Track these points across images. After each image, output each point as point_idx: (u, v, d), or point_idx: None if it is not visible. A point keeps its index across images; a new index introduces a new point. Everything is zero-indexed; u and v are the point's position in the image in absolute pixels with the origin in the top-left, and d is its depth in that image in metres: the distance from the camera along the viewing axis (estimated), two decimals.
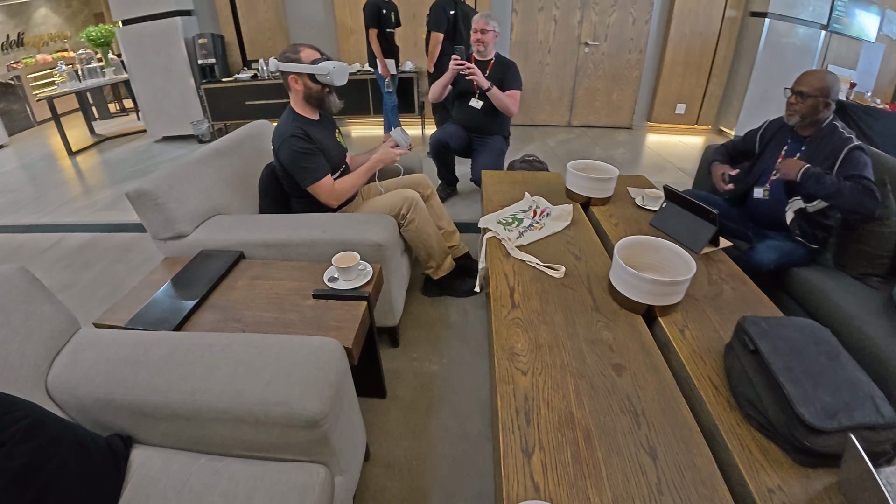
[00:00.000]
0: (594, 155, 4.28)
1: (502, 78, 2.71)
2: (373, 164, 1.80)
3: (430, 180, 2.06)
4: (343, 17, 5.02)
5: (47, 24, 9.99)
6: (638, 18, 4.93)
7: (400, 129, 1.88)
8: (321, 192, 1.67)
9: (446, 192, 3.18)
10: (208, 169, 1.73)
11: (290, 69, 1.62)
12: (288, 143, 1.60)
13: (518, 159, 2.72)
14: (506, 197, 2.00)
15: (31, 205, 4.05)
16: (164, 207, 1.54)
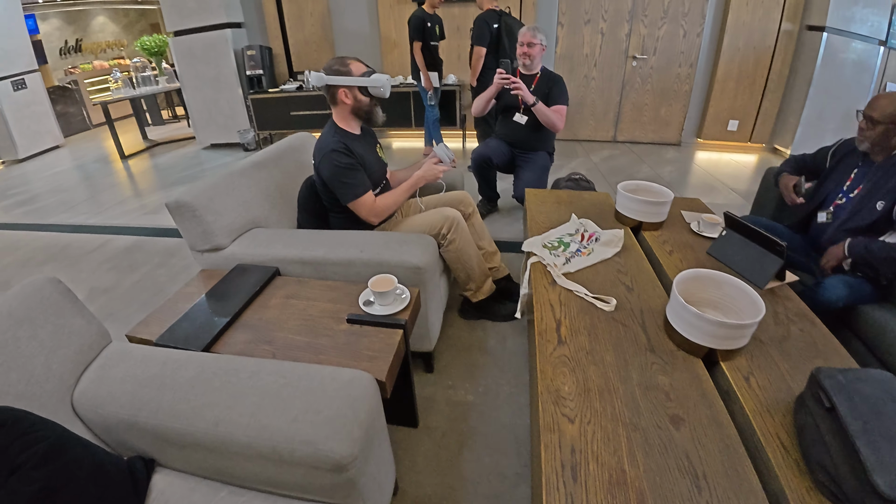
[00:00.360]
0: (640, 173, 4.11)
1: (548, 93, 2.63)
2: (415, 181, 1.74)
3: (471, 198, 1.99)
4: (387, 29, 5.06)
5: (105, 31, 10.56)
6: (689, 31, 4.75)
7: (443, 146, 1.81)
8: (362, 208, 1.62)
9: (486, 209, 3.10)
10: (248, 181, 1.71)
11: (341, 82, 1.58)
12: (329, 157, 1.57)
13: (564, 177, 2.62)
14: (551, 218, 1.90)
15: (82, 205, 4.21)
16: (203, 220, 1.52)
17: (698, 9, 4.64)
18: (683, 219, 1.97)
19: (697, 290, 1.30)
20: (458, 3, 4.77)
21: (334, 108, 1.67)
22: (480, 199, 3.11)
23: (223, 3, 4.87)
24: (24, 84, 6.68)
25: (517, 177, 2.72)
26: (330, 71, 1.59)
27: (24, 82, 6.69)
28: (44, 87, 7.06)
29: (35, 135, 6.94)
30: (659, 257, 1.66)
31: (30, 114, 6.80)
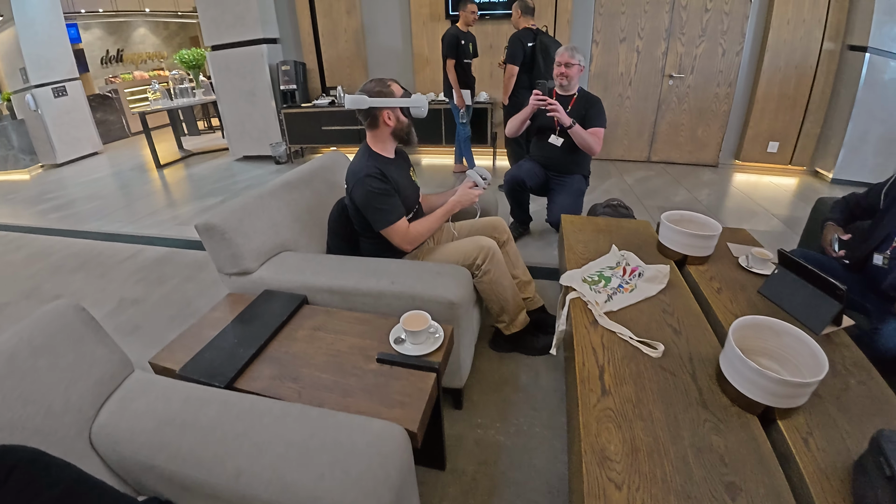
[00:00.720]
0: (677, 195, 3.97)
1: (585, 114, 2.55)
2: (451, 206, 1.68)
3: (506, 224, 1.91)
4: (420, 47, 5.07)
5: (145, 43, 10.94)
6: (728, 50, 4.61)
7: (477, 168, 1.75)
8: (395, 235, 1.57)
9: (518, 232, 3.02)
10: (278, 203, 1.68)
11: (386, 104, 1.56)
12: (363, 183, 1.52)
13: (601, 203, 2.52)
14: (589, 248, 1.81)
15: (117, 213, 4.29)
16: (232, 243, 1.49)
17: (738, 27, 4.51)
18: (730, 252, 1.86)
19: (753, 338, 1.19)
20: (492, 20, 4.75)
21: (372, 132, 1.63)
22: (512, 222, 3.03)
23: (260, 19, 4.96)
24: (64, 91, 6.94)
25: (551, 200, 2.63)
26: (373, 93, 1.56)
27: (65, 89, 6.94)
28: (84, 94, 7.32)
29: (74, 141, 7.18)
30: (707, 296, 1.55)
31: (69, 120, 7.05)
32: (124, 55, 10.65)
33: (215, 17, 5.12)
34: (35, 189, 5.81)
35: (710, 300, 1.53)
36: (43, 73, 6.62)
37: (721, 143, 4.92)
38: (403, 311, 1.25)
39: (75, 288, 3.00)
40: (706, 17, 4.56)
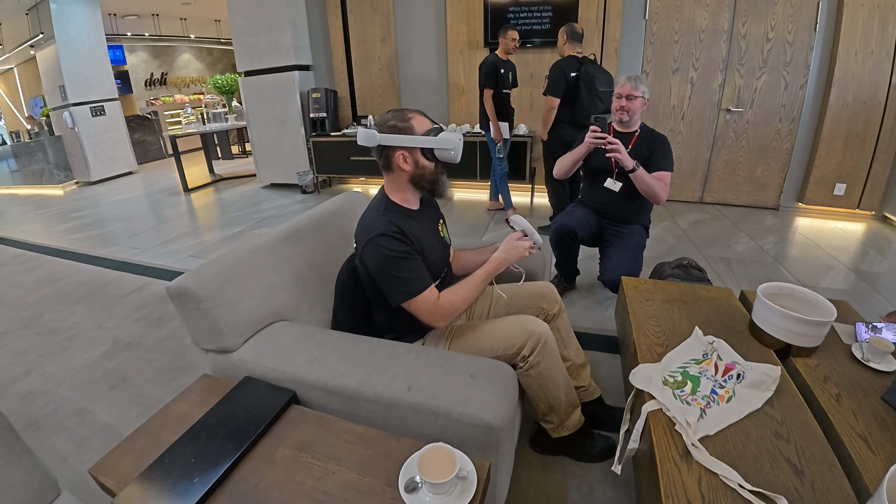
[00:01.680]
0: (739, 243, 3.52)
1: (649, 156, 2.19)
2: (495, 265, 1.28)
3: (556, 293, 1.53)
4: (456, 76, 4.83)
5: (189, 68, 11.20)
6: (791, 83, 4.19)
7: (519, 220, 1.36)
8: (421, 309, 1.20)
9: (563, 287, 2.62)
10: (277, 259, 1.36)
11: (400, 143, 1.19)
12: (376, 243, 1.17)
13: (670, 263, 2.11)
14: (663, 326, 1.43)
15: (135, 238, 4.21)
16: (208, 314, 1.17)
17: (802, 58, 4.10)
18: (838, 335, 1.45)
19: None
20: (534, 49, 4.48)
21: (387, 176, 1.28)
22: (556, 275, 2.65)
23: (293, 45, 4.86)
24: (102, 111, 7.03)
25: (606, 255, 2.25)
26: (385, 127, 1.21)
27: (104, 109, 7.04)
28: (122, 114, 7.42)
29: (110, 160, 7.27)
30: (824, 406, 1.15)
31: (106, 139, 7.15)
32: (168, 78, 10.94)
33: (249, 43, 5.06)
34: (66, 205, 5.94)
35: (829, 414, 1.13)
36: (82, 92, 6.74)
37: (783, 183, 4.46)
38: (421, 429, 0.90)
39: (74, 321, 2.80)
40: (767, 48, 4.17)
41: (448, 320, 1.23)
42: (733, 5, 4.13)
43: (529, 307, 1.48)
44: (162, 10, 9.11)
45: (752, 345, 1.39)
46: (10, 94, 10.97)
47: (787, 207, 4.51)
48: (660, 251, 3.27)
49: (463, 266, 1.51)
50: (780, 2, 4.03)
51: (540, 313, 1.48)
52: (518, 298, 1.50)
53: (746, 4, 4.11)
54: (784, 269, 3.05)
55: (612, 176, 2.29)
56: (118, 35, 9.15)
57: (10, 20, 6.81)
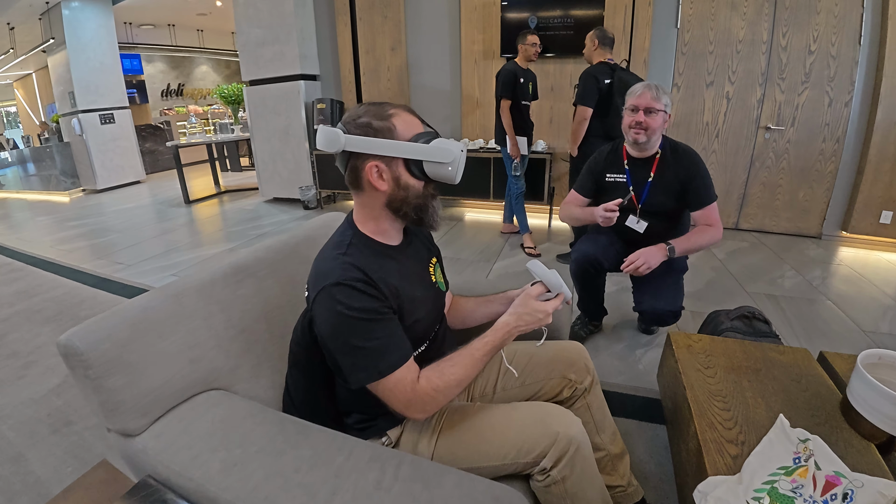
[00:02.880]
0: (784, 277, 3.10)
1: (683, 189, 1.79)
2: (503, 335, 0.89)
3: (588, 357, 1.14)
4: (470, 87, 4.53)
5: (206, 80, 11.14)
6: (836, 100, 3.80)
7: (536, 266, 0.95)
8: (393, 396, 0.82)
9: (587, 330, 2.23)
10: (211, 306, 1.00)
11: (375, 149, 0.83)
12: (330, 296, 0.80)
13: (728, 313, 1.67)
14: (732, 409, 1.06)
15: (123, 252, 4.00)
16: (100, 386, 0.83)
17: (846, 73, 3.72)
18: None
19: None
20: (555, 59, 4.16)
21: (356, 196, 0.91)
22: (578, 317, 2.25)
23: (300, 54, 4.63)
24: (112, 119, 6.91)
25: (641, 282, 1.88)
26: (354, 126, 0.84)
27: (113, 117, 6.92)
28: (132, 123, 7.31)
29: (118, 168, 7.14)
30: None
31: (115, 147, 7.02)
32: (185, 90, 10.89)
33: (255, 51, 4.86)
34: (69, 213, 5.83)
35: None
36: (91, 99, 6.64)
37: (826, 209, 4.04)
38: None
39: (37, 344, 2.55)
40: (810, 61, 3.80)
41: (430, 412, 0.85)
42: (773, 14, 3.78)
43: (551, 378, 1.10)
44: (178, 21, 9.06)
45: (844, 432, 1.03)
46: (28, 99, 11.05)
47: (829, 236, 4.09)
48: (697, 286, 2.88)
49: (463, 318, 1.15)
50: (822, 11, 3.68)
51: (565, 387, 1.10)
52: (536, 365, 1.12)
53: (787, 14, 3.76)
54: (840, 309, 2.64)
55: (636, 213, 1.91)
56: (135, 44, 9.10)
57: (24, 24, 6.75)
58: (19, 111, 11.64)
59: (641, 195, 1.87)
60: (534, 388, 1.10)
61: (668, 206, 1.85)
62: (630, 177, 1.89)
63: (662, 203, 1.85)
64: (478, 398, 1.12)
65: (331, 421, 0.95)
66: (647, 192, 1.86)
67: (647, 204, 1.87)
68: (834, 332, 2.38)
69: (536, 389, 1.10)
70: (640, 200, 1.86)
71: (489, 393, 1.12)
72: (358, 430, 0.95)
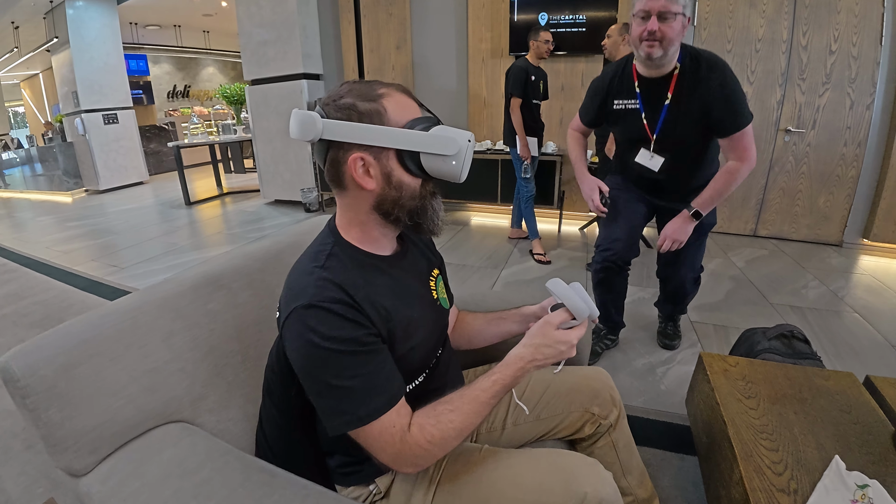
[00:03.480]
0: (808, 287, 2.93)
1: (708, 111, 1.46)
2: (516, 371, 0.73)
3: (612, 384, 0.98)
4: (477, 86, 4.40)
5: (212, 81, 11.09)
6: (857, 102, 3.64)
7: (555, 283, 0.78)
8: (378, 446, 0.67)
9: (604, 345, 2.05)
10: (173, 325, 0.84)
11: (359, 138, 0.67)
12: (301, 321, 0.65)
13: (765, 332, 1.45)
14: (780, 448, 0.92)
15: (118, 254, 3.91)
16: (39, 417, 0.70)
17: (867, 74, 3.56)
18: None
19: None
20: (566, 58, 4.02)
21: (339, 196, 0.75)
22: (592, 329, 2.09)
23: (302, 53, 4.52)
24: (115, 119, 6.84)
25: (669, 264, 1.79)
26: (334, 109, 0.68)
27: (116, 117, 6.85)
28: (136, 124, 7.24)
29: (121, 169, 7.07)
30: None
31: (118, 148, 6.96)
32: (191, 91, 10.84)
33: (257, 49, 4.75)
34: (70, 213, 5.78)
35: None
36: (95, 99, 6.59)
37: (847, 216, 3.87)
38: None
39: None
40: (831, 61, 3.64)
41: (422, 466, 0.69)
42: (792, 12, 3.63)
43: (571, 412, 0.94)
44: (184, 22, 9.00)
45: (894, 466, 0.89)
46: (35, 99, 11.06)
47: (851, 244, 3.91)
48: (718, 296, 2.72)
49: (470, 338, 0.99)
50: (842, 10, 3.53)
51: (587, 422, 0.95)
52: (553, 396, 0.96)
53: (807, 12, 3.61)
54: (867, 322, 2.48)
55: (649, 146, 1.60)
56: (141, 45, 9.06)
57: (28, 23, 6.72)
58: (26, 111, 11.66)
59: (656, 123, 1.55)
60: (550, 424, 0.94)
61: (689, 136, 1.54)
62: (643, 102, 1.56)
63: (683, 133, 1.54)
64: (484, 435, 0.96)
65: (310, 464, 0.80)
66: (664, 119, 1.53)
67: (663, 134, 1.55)
68: (863, 347, 2.22)
69: (553, 425, 0.94)
70: (655, 130, 1.55)
71: (497, 429, 0.96)
72: (342, 474, 0.80)
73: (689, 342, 2.18)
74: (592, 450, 0.94)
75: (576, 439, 0.95)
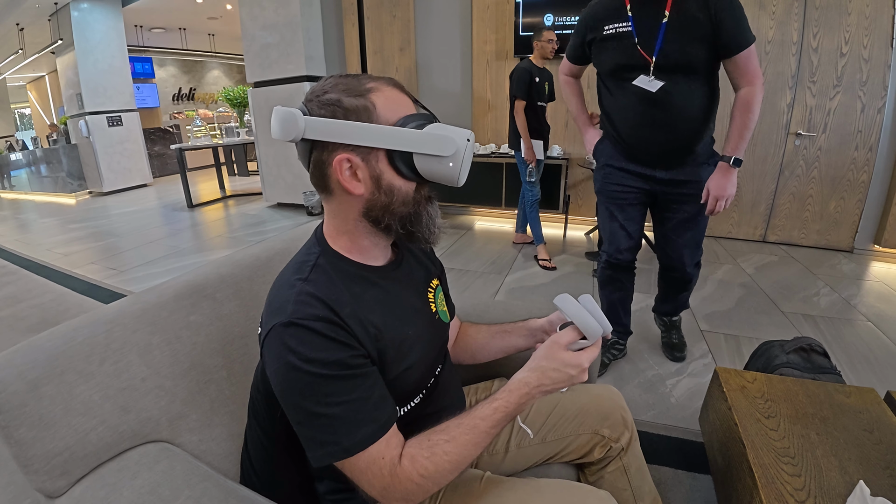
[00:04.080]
0: (819, 295, 2.86)
1: (711, 26, 1.36)
2: (522, 397, 0.65)
3: (625, 404, 0.92)
4: (482, 89, 4.35)
5: (217, 84, 11.10)
6: (868, 105, 3.57)
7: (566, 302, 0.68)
8: (365, 479, 0.60)
9: (610, 356, 1.96)
10: (151, 338, 0.78)
11: (345, 137, 0.61)
12: (279, 338, 0.59)
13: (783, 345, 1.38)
14: (802, 472, 0.86)
15: (118, 257, 3.89)
16: (11, 435, 0.65)
17: (878, 77, 3.49)
18: None
19: None
20: None
21: (325, 202, 0.70)
22: None
23: (305, 55, 4.48)
24: (119, 121, 6.84)
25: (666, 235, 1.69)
26: (317, 104, 0.62)
27: (121, 119, 6.85)
28: (140, 126, 7.24)
29: (125, 171, 7.07)
30: None
31: (122, 150, 6.96)
32: (196, 94, 10.86)
33: (260, 52, 4.72)
34: (73, 215, 5.78)
35: None
36: (99, 101, 6.58)
37: (858, 222, 3.79)
38: None
39: None
40: (842, 63, 3.58)
41: (414, 502, 0.62)
42: (802, 14, 3.57)
43: (580, 434, 0.88)
44: (189, 25, 9.00)
45: None
46: (41, 101, 11.10)
47: (861, 250, 3.83)
48: (728, 305, 2.64)
49: (473, 353, 0.93)
50: (853, 12, 3.47)
51: (597, 445, 0.88)
52: (561, 417, 0.89)
53: (817, 14, 3.55)
54: (881, 331, 2.41)
55: (648, 72, 1.46)
56: (146, 47, 9.07)
57: (33, 25, 6.72)
58: (32, 113, 11.71)
59: (655, 45, 1.43)
60: (557, 447, 0.88)
61: (691, 54, 1.43)
62: (635, 24, 1.45)
63: (683, 52, 1.42)
64: (486, 459, 0.89)
65: (297, 490, 0.74)
66: (662, 39, 1.42)
67: (662, 56, 1.42)
68: (878, 358, 2.16)
69: (561, 448, 0.88)
70: (654, 52, 1.42)
71: (500, 451, 0.90)
72: (331, 501, 0.74)
73: (699, 352, 2.11)
74: (602, 474, 0.88)
75: (584, 463, 0.89)
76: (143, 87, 9.21)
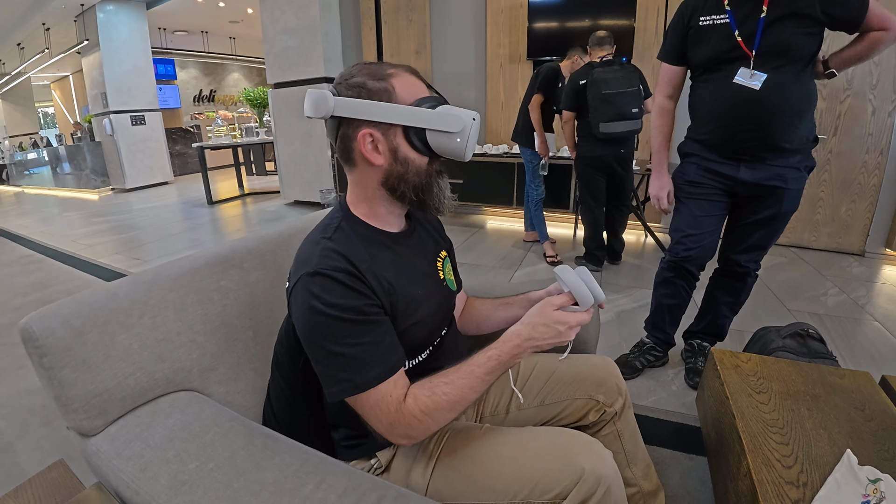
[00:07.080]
0: (828, 295, 2.88)
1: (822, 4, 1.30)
2: (513, 349, 0.72)
3: (618, 371, 0.97)
4: (495, 91, 4.43)
5: (238, 86, 11.32)
6: (879, 108, 3.57)
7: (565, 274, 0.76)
8: (373, 415, 0.69)
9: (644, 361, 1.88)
10: (185, 298, 0.88)
11: (368, 115, 0.70)
12: (306, 288, 0.68)
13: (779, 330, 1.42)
14: (790, 442, 0.91)
15: (141, 248, 4.04)
16: (53, 377, 0.73)
17: (889, 80, 3.49)
18: None
19: None
20: None
21: (349, 173, 0.78)
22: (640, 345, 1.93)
23: (324, 57, 4.61)
24: (143, 120, 7.04)
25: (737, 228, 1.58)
26: (345, 87, 0.72)
27: (144, 119, 7.05)
28: (162, 125, 7.43)
29: (147, 169, 7.26)
30: None
31: (144, 148, 7.15)
32: (217, 96, 11.09)
33: (280, 53, 4.86)
34: (96, 209, 5.99)
35: None
36: (123, 101, 6.78)
37: (870, 225, 3.77)
38: None
39: None
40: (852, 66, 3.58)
41: (417, 438, 0.70)
42: None
43: (576, 399, 0.94)
44: (211, 28, 9.22)
45: None
46: (65, 100, 11.42)
47: (872, 254, 3.81)
48: None
49: (478, 323, 1.00)
50: None
51: (592, 409, 0.94)
52: (557, 383, 0.95)
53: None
54: (887, 330, 2.42)
55: (749, 64, 1.36)
56: (169, 49, 9.31)
57: (59, 25, 6.95)
58: (56, 112, 12.05)
59: (755, 38, 1.34)
60: (554, 410, 0.94)
61: (797, 38, 1.31)
62: (733, 17, 1.38)
63: (790, 36, 1.31)
64: (488, 418, 0.97)
65: (314, 435, 0.83)
66: (762, 30, 1.33)
67: (764, 45, 1.32)
68: (882, 353, 2.18)
69: (557, 411, 0.94)
70: (754, 45, 1.34)
71: (501, 412, 0.97)
72: (345, 447, 0.82)
73: None
74: (597, 438, 0.94)
75: (580, 426, 0.95)
76: (166, 89, 9.43)
